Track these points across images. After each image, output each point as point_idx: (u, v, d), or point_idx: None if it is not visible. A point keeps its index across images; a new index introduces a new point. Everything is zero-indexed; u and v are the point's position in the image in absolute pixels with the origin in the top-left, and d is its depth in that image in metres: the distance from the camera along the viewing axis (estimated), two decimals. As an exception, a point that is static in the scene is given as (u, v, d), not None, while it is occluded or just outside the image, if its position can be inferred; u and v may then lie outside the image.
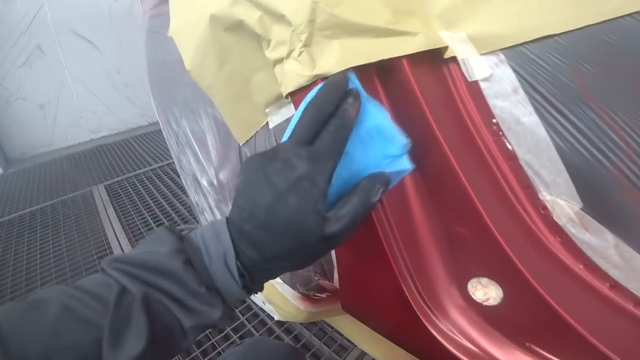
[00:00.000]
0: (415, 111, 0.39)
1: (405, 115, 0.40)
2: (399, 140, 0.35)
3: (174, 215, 1.74)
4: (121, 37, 3.46)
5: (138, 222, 1.73)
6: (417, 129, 0.39)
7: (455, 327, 0.41)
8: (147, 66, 0.98)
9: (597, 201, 0.38)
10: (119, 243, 1.58)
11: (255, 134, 0.51)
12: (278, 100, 0.44)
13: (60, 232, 1.77)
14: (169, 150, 1.10)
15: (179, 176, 2.00)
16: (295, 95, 0.38)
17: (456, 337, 0.41)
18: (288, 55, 0.34)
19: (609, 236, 0.38)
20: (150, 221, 1.72)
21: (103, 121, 3.63)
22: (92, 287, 0.29)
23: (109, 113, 3.63)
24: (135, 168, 2.50)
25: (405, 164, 0.35)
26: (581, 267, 0.40)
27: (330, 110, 0.31)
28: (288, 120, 0.46)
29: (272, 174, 0.29)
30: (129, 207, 1.92)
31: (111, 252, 1.54)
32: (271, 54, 0.36)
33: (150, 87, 1.02)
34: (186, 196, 1.89)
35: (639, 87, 0.36)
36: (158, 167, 2.41)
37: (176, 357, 0.98)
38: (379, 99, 0.39)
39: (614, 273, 0.39)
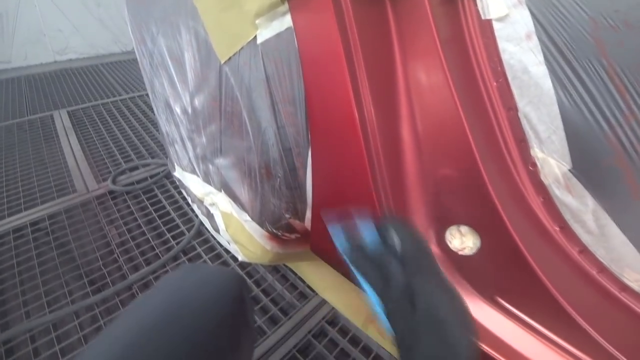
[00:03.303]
0: (424, 42, 0.36)
1: (413, 44, 0.37)
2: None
3: (142, 148, 1.65)
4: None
5: (103, 153, 1.63)
6: (424, 60, 0.36)
7: (424, 274, 0.40)
8: (123, -28, 0.87)
9: (586, 164, 0.37)
10: (80, 172, 1.48)
11: (239, 51, 0.46)
12: (272, 10, 0.39)
13: (15, 156, 1.64)
14: (142, 82, 1.01)
15: (151, 110, 1.88)
16: (294, 1, 0.33)
17: (424, 284, 0.40)
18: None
19: (590, 201, 0.38)
20: (116, 153, 1.62)
21: (70, 42, 3.30)
22: None
23: (77, 34, 3.29)
24: (103, 96, 2.33)
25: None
26: (557, 229, 0.40)
27: None
28: (279, 36, 0.41)
29: None
30: (93, 136, 1.79)
31: (70, 180, 1.45)
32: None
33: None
34: (157, 130, 1.79)
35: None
36: (129, 98, 2.25)
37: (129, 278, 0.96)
38: (387, 21, 0.36)
39: (585, 239, 0.40)
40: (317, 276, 0.85)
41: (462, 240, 0.38)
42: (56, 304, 0.94)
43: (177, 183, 1.09)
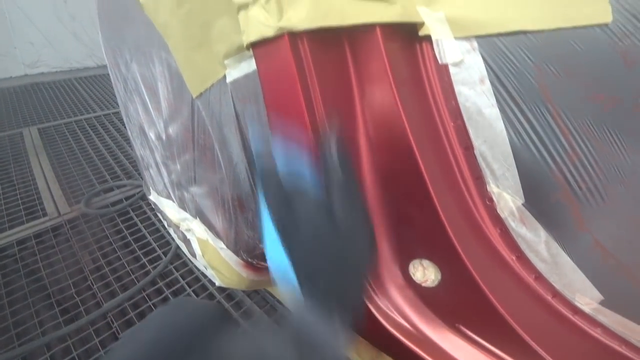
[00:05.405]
0: (381, 85, 0.38)
1: (371, 87, 0.39)
2: None
3: (116, 168, 1.62)
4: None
5: (75, 174, 1.59)
6: (381, 102, 0.38)
7: (392, 304, 0.42)
8: (96, -4, 0.87)
9: (537, 199, 0.40)
10: (51, 194, 1.44)
11: (210, 87, 0.47)
12: (239, 52, 0.41)
13: (-19, 174, 1.58)
14: (117, 98, 1.00)
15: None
16: (258, 48, 0.35)
17: (391, 314, 0.42)
18: (255, 1, 0.31)
19: (542, 232, 0.41)
20: (90, 173, 1.58)
21: (42, 56, 3.22)
22: None
23: (49, 47, 3.22)
24: (76, 113, 2.28)
25: None
26: (514, 258, 0.43)
27: None
28: (247, 76, 0.42)
29: None
30: (66, 155, 1.75)
31: (41, 203, 1.41)
32: (237, -3, 0.32)
33: (99, 21, 0.90)
34: (132, 149, 1.76)
35: (594, 96, 0.37)
36: (104, 115, 2.21)
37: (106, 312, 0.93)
38: (346, 66, 0.38)
39: (540, 267, 0.42)
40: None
41: (425, 273, 0.40)
42: (26, 335, 0.90)
43: (153, 207, 1.08)
